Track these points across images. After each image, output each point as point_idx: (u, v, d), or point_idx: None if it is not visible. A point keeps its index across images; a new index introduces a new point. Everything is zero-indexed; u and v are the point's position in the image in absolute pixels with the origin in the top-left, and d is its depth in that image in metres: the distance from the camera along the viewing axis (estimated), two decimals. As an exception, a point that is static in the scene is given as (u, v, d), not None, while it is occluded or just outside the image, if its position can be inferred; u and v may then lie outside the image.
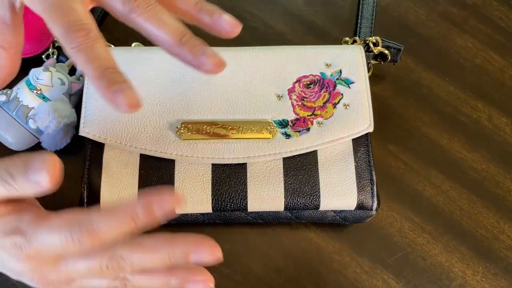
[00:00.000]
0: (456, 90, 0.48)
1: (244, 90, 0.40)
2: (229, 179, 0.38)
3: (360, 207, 0.39)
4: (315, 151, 0.39)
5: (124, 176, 0.38)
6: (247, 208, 0.38)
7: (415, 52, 0.49)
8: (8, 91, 0.41)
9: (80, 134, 0.39)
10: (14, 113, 0.40)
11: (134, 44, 0.45)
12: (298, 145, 0.38)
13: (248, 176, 0.38)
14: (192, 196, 0.38)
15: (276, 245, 0.42)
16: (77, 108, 0.42)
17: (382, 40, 0.44)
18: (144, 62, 0.41)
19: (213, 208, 0.38)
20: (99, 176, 0.38)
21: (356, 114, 0.39)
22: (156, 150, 0.38)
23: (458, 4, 0.51)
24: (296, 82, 0.40)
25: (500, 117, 0.47)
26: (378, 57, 0.45)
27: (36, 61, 0.44)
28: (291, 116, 0.39)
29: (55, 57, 0.44)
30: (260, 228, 0.42)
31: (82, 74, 0.44)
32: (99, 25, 0.48)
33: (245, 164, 0.38)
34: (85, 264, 0.30)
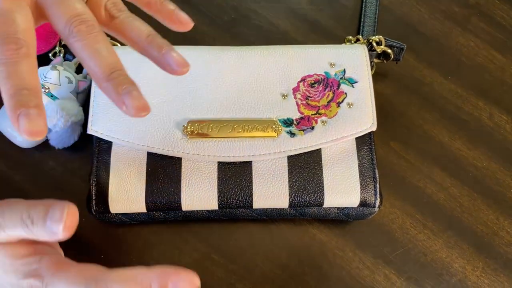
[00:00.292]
0: (457, 89, 0.48)
1: (250, 89, 0.41)
2: (234, 177, 0.39)
3: (363, 204, 0.39)
4: (319, 150, 0.40)
5: (132, 173, 0.39)
6: (252, 205, 0.39)
7: (417, 51, 0.49)
8: (17, 90, 0.41)
9: (89, 132, 0.39)
10: (23, 111, 0.40)
11: (140, 42, 0.45)
12: (303, 143, 0.39)
13: (253, 174, 0.39)
14: (199, 194, 0.38)
15: (280, 241, 0.42)
16: (84, 106, 0.43)
17: (385, 39, 0.45)
18: (150, 62, 0.41)
19: (219, 205, 0.39)
20: (107, 174, 0.39)
21: (360, 113, 0.40)
22: (163, 149, 0.39)
23: (461, 3, 0.52)
24: (300, 81, 0.41)
25: (501, 115, 0.47)
26: (381, 56, 0.45)
27: (43, 60, 0.45)
28: (295, 115, 0.40)
29: (61, 55, 0.44)
30: (264, 224, 0.43)
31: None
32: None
33: (250, 162, 0.39)
34: None
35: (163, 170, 0.39)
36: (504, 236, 0.43)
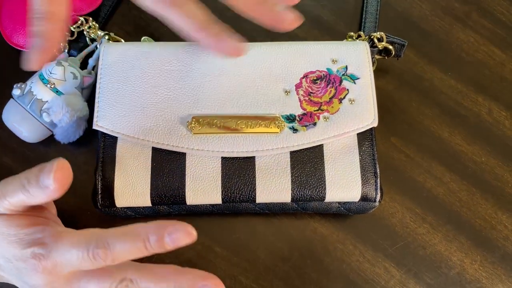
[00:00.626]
0: (457, 84, 0.49)
1: (253, 86, 0.41)
2: (238, 172, 0.39)
3: (364, 199, 0.40)
4: (321, 145, 0.40)
5: (137, 168, 0.39)
6: (255, 200, 0.40)
7: (418, 46, 0.50)
8: (23, 85, 0.42)
9: (94, 127, 0.40)
10: (29, 106, 0.41)
11: (143, 38, 0.45)
12: (305, 139, 0.40)
13: (256, 169, 0.40)
14: (203, 188, 0.39)
15: (282, 234, 0.43)
16: (89, 102, 0.43)
17: (386, 36, 0.45)
18: (154, 57, 0.42)
19: (222, 199, 0.39)
20: (112, 168, 0.39)
21: (361, 109, 0.41)
22: (168, 144, 0.39)
23: (461, -1, 0.52)
24: (303, 78, 0.42)
25: (500, 110, 0.48)
26: (382, 52, 0.46)
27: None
28: (298, 111, 0.41)
29: (66, 51, 0.45)
30: (266, 218, 0.43)
31: (94, 69, 0.45)
32: (108, 19, 0.48)
33: (253, 158, 0.40)
34: (96, 285, 0.31)
35: (168, 165, 0.39)
36: (502, 230, 0.44)
